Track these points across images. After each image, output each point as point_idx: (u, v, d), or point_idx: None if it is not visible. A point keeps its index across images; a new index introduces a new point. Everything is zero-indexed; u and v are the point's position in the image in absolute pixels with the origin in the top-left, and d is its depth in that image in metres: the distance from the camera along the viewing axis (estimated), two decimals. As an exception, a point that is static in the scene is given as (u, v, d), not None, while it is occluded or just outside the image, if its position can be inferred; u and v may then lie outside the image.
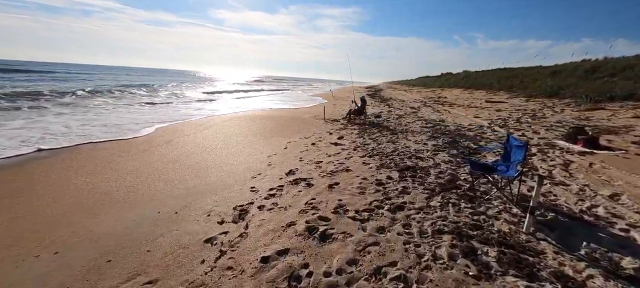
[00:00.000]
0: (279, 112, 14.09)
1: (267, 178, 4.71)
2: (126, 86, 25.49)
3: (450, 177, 4.43)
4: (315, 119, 11.65)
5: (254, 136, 8.20)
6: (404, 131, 8.46)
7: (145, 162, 5.63)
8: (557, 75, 18.24)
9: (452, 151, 5.98)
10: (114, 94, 19.05)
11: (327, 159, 5.67)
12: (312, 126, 9.86)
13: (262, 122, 10.54)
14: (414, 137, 7.57)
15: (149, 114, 12.01)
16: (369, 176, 4.55)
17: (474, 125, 9.23)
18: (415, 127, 9.11)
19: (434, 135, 7.67)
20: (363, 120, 10.50)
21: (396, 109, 14.94)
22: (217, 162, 5.77)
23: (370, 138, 7.57)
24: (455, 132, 8.18)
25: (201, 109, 14.97)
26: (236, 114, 13.20)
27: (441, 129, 8.72)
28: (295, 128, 9.52)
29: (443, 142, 6.88)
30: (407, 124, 9.89)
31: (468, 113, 12.22)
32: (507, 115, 10.86)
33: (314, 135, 8.26)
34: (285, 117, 12.15)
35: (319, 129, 9.33)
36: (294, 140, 7.66)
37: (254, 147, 6.93)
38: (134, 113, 12.12)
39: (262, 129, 9.32)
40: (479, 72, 35.12)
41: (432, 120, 10.53)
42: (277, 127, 9.70)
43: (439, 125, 9.47)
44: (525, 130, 7.86)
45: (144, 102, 16.27)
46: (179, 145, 7.02)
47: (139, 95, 19.64)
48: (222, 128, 9.34)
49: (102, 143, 6.99)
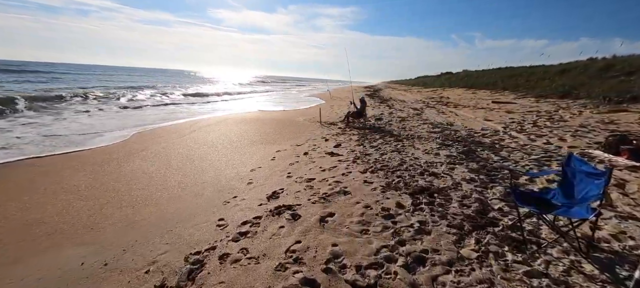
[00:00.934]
0: (272, 114, 13.04)
1: (243, 205, 3.66)
2: (119, 87, 24.37)
3: (479, 204, 3.39)
4: (311, 122, 10.61)
5: (239, 143, 7.15)
6: (409, 137, 7.42)
7: (95, 181, 4.57)
8: (567, 74, 17.26)
9: (471, 164, 4.94)
10: (98, 96, 17.94)
11: (321, 175, 4.62)
12: (307, 131, 8.82)
13: (252, 126, 9.49)
14: (422, 145, 6.54)
15: (126, 119, 10.95)
16: (373, 202, 3.50)
17: (487, 129, 8.21)
18: (421, 132, 8.08)
19: (445, 143, 6.63)
20: (363, 124, 9.47)
21: (397, 110, 13.91)
22: (185, 181, 4.71)
23: (372, 146, 6.53)
24: (468, 138, 7.15)
25: (191, 111, 13.91)
26: (226, 116, 12.15)
27: (451, 134, 7.68)
28: (288, 133, 8.47)
29: (457, 151, 5.84)
30: (411, 128, 8.86)
31: (477, 115, 11.20)
32: (521, 118, 9.84)
33: (308, 142, 7.21)
34: (278, 120, 11.10)
35: (313, 134, 8.29)
36: (284, 149, 6.61)
37: (235, 158, 5.88)
38: (107, 118, 11.04)
39: (250, 134, 8.27)
40: (480, 71, 34.16)
41: (439, 124, 9.50)
42: (267, 132, 8.65)
43: (448, 129, 8.44)
44: (548, 137, 6.83)
45: (125, 104, 15.17)
46: (148, 156, 5.96)
47: (126, 96, 18.53)
48: (205, 134, 8.29)
49: (50, 157, 5.91)
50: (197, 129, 9.15)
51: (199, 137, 7.88)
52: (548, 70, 20.57)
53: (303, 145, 6.94)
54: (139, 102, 16.25)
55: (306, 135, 8.24)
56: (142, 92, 21.03)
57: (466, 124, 9.48)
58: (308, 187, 4.13)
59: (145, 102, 16.48)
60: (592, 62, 18.48)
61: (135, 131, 8.56)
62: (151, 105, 15.43)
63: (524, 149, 5.86)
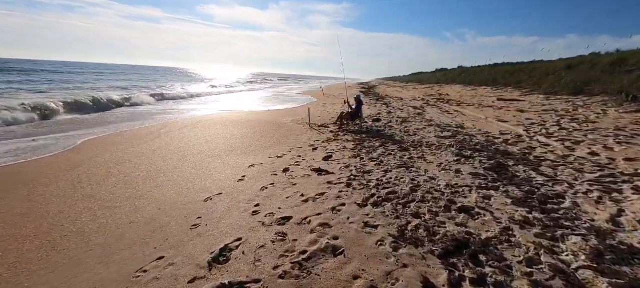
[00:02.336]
0: (256, 115, 11.51)
1: (164, 282, 2.18)
2: (93, 87, 22.51)
3: (560, 278, 1.98)
4: (299, 124, 9.13)
5: (206, 154, 5.64)
6: (416, 145, 5.99)
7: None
8: (574, 70, 16.04)
9: (511, 189, 3.52)
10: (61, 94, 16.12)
11: (302, 210, 3.16)
12: (293, 136, 7.34)
13: (230, 130, 7.96)
14: (434, 156, 5.12)
15: (84, 124, 9.32)
16: (382, 276, 2.07)
17: (507, 133, 6.84)
18: (429, 138, 6.66)
19: (463, 153, 5.22)
20: (359, 126, 8.03)
21: (396, 109, 12.50)
22: (105, 220, 3.20)
23: (371, 158, 5.08)
24: (489, 145, 5.76)
25: (168, 111, 12.28)
26: (204, 118, 10.58)
27: (467, 140, 6.28)
28: (270, 139, 6.98)
29: (483, 167, 4.43)
30: (416, 132, 7.43)
31: (486, 115, 9.84)
32: (539, 118, 8.51)
33: (292, 153, 5.74)
34: (263, 122, 9.59)
35: (300, 140, 6.82)
36: (261, 162, 5.13)
37: (194, 178, 4.38)
38: (55, 124, 9.39)
39: (224, 141, 6.75)
40: (477, 67, 33.02)
41: (447, 126, 8.10)
42: (246, 137, 7.15)
43: (460, 133, 7.04)
44: (587, 144, 5.48)
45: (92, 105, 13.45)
46: (78, 177, 4.42)
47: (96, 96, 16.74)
48: (170, 140, 6.75)
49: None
50: (164, 133, 7.60)
51: (162, 144, 6.34)
52: (551, 65, 19.38)
53: (285, 157, 5.46)
54: (112, 102, 14.53)
55: (291, 141, 6.76)
56: (116, 92, 19.23)
57: (478, 125, 8.10)
58: (279, 236, 2.66)
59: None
60: (597, 57, 17.33)
61: (92, 137, 7.00)
62: (128, 105, 13.75)
63: (568, 163, 4.47)
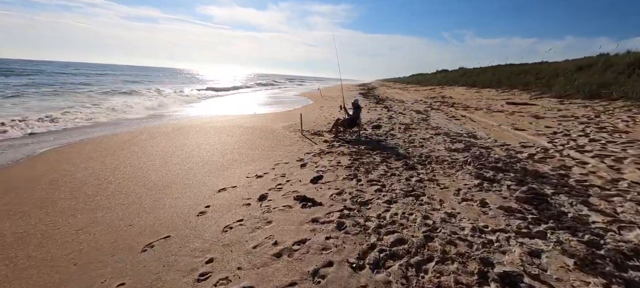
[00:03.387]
0: (247, 119, 10.50)
1: None
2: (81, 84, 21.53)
3: None
4: (291, 131, 8.13)
5: (172, 172, 4.62)
6: (425, 161, 4.97)
7: None
8: (586, 71, 15.03)
9: (565, 238, 2.51)
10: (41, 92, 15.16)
11: (269, 274, 2.16)
12: (281, 146, 6.33)
13: (212, 139, 6.96)
14: (447, 177, 4.11)
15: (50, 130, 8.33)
16: None
17: (529, 145, 5.83)
18: (438, 150, 5.66)
19: (483, 173, 4.22)
20: (356, 136, 7.02)
21: (398, 113, 11.48)
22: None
23: (370, 181, 4.07)
24: (512, 162, 4.74)
25: (157, 114, 11.27)
26: (189, 122, 9.58)
27: (484, 155, 5.27)
28: (254, 150, 5.97)
29: (513, 196, 3.43)
30: (423, 142, 6.43)
31: (498, 121, 8.83)
32: (560, 126, 7.50)
33: (275, 169, 4.74)
34: (251, 128, 8.59)
35: (289, 151, 5.81)
36: (235, 185, 4.12)
37: (141, 212, 3.36)
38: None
39: (201, 152, 5.74)
40: (479, 68, 31.98)
41: (457, 134, 7.09)
42: (226, 148, 6.14)
43: (473, 144, 6.03)
44: (635, 162, 4.47)
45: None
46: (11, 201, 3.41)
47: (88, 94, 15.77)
48: (140, 150, 5.74)
49: None
50: (137, 142, 6.60)
51: (125, 158, 5.34)
52: (559, 67, 18.37)
53: (266, 176, 4.46)
54: (113, 100, 13.54)
55: (278, 153, 5.76)
56: (100, 92, 18.26)
57: (492, 134, 7.08)
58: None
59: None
60: (610, 59, 16.32)
61: (56, 145, 6.01)
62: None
63: (623, 191, 3.46)
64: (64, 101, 13.60)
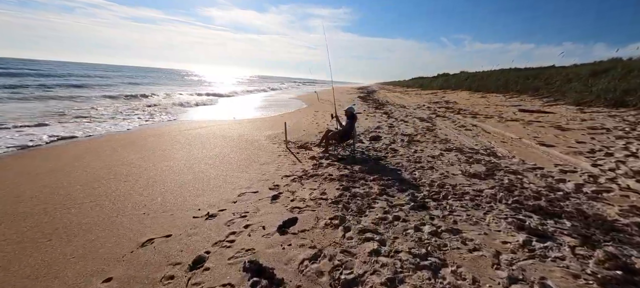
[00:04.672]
0: (229, 127, 9.23)
1: None
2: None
3: None
4: (275, 142, 6.86)
5: (103, 205, 3.34)
6: (438, 193, 3.67)
7: None
8: (602, 76, 13.75)
9: None
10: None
11: None
12: (256, 165, 5.04)
13: (178, 153, 5.68)
14: (475, 226, 2.83)
15: None
16: None
17: (569, 168, 4.55)
18: (453, 174, 4.37)
19: (524, 218, 2.94)
20: (351, 151, 5.75)
21: (400, 121, 10.20)
22: None
23: (363, 230, 2.79)
24: (558, 198, 3.46)
25: (127, 117, 9.99)
26: (159, 129, 8.32)
27: (513, 183, 3.98)
28: (221, 170, 4.67)
29: (588, 269, 2.16)
30: (431, 161, 5.14)
31: (518, 133, 7.55)
32: (593, 140, 6.22)
33: (238, 204, 3.46)
34: (229, 138, 7.33)
35: (263, 173, 4.52)
36: (169, 233, 2.83)
37: (51, 271, 2.09)
38: None
39: (148, 174, 4.44)
40: (483, 72, 30.73)
41: (473, 152, 5.81)
42: (188, 168, 4.85)
43: (496, 167, 4.74)
44: None
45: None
46: None
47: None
48: (86, 166, 4.45)
49: None
50: (91, 152, 5.33)
51: (60, 177, 4.06)
52: (571, 71, 17.09)
53: (222, 214, 3.19)
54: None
55: (250, 174, 4.48)
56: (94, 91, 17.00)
57: (514, 150, 5.79)
58: None
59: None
60: (625, 63, 15.07)
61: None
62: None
63: None
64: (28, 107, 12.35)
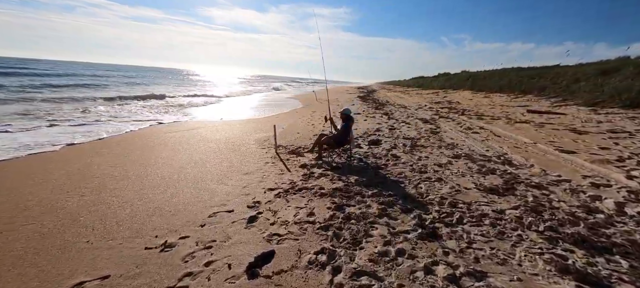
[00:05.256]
0: (218, 128, 8.57)
1: None
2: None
3: None
4: (263, 147, 6.21)
5: (44, 233, 2.68)
6: (451, 215, 2.99)
7: None
8: (611, 75, 13.08)
9: None
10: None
11: None
12: (237, 174, 4.37)
13: (160, 160, 5.01)
14: (503, 266, 2.17)
15: None
16: None
17: (601, 181, 3.88)
18: (465, 187, 3.70)
19: (566, 254, 2.29)
20: (347, 159, 5.08)
21: (401, 122, 9.53)
22: None
23: (357, 271, 2.12)
24: (599, 222, 2.79)
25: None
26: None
27: (540, 201, 3.31)
28: (197, 182, 4.01)
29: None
30: (439, 171, 4.47)
31: (531, 136, 6.88)
32: (618, 146, 5.55)
33: (205, 229, 2.79)
34: (215, 141, 6.67)
35: (244, 185, 3.85)
36: (111, 272, 2.17)
37: None
38: None
39: (126, 184, 3.78)
40: (485, 72, 30.06)
41: (484, 159, 5.14)
42: (161, 177, 4.18)
43: (514, 178, 4.07)
44: None
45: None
46: None
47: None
48: (53, 174, 3.79)
49: None
50: (51, 162, 4.68)
51: (42, 186, 3.40)
52: (578, 71, 16.42)
53: (183, 243, 2.53)
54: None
55: (228, 187, 3.82)
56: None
57: (531, 157, 5.12)
58: None
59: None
60: (628, 61, 14.43)
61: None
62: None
63: None
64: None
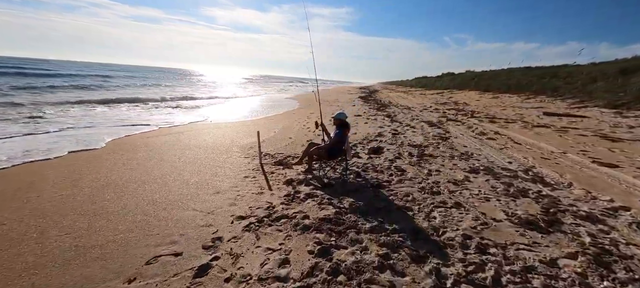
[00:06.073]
0: (207, 132, 7.75)
1: None
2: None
3: None
4: (247, 156, 5.36)
5: None
6: (482, 269, 2.12)
7: None
8: (632, 75, 12.09)
9: None
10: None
11: None
12: (203, 197, 3.52)
13: (121, 173, 4.19)
14: None
15: None
16: None
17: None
18: (498, 222, 2.82)
19: None
20: (342, 172, 4.21)
21: (406, 126, 8.65)
22: None
23: None
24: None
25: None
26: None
27: (600, 244, 2.43)
28: (151, 210, 3.17)
29: None
30: (455, 191, 3.58)
31: (556, 143, 5.97)
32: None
33: (135, 284, 1.95)
34: (198, 148, 5.84)
35: (209, 210, 2.99)
36: None
37: None
38: None
39: (56, 212, 2.96)
40: (491, 71, 29.01)
41: (509, 175, 4.25)
42: (111, 201, 3.35)
43: (556, 203, 3.19)
44: None
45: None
46: None
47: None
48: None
49: None
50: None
51: None
52: (594, 70, 15.40)
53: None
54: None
55: (189, 215, 2.97)
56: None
57: (566, 172, 4.22)
58: None
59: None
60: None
61: None
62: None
63: None
64: None
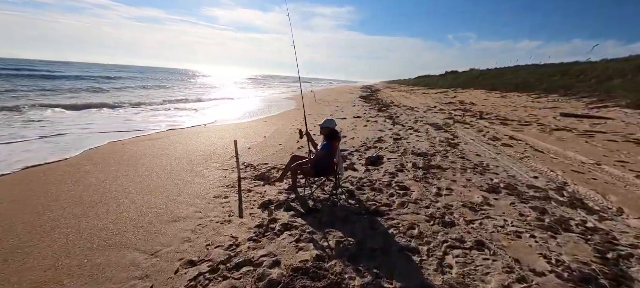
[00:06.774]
0: (187, 137, 6.99)
1: None
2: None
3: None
4: (226, 168, 4.59)
5: None
6: None
7: None
8: (655, 72, 11.16)
9: None
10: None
11: None
12: (154, 226, 2.75)
13: (63, 200, 3.44)
14: None
15: None
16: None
17: None
18: (533, 272, 2.03)
19: None
20: (332, 193, 3.43)
21: (409, 129, 7.82)
22: None
23: None
24: None
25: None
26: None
27: None
28: (63, 259, 2.40)
29: None
30: (472, 219, 2.79)
31: (586, 152, 5.13)
32: None
33: None
34: (170, 158, 5.07)
35: (152, 253, 2.20)
36: None
37: None
38: None
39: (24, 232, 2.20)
40: (497, 70, 28.03)
41: (539, 196, 3.43)
42: (52, 224, 2.60)
43: (611, 241, 2.39)
44: None
45: None
46: None
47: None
48: None
49: None
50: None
51: None
52: (609, 67, 14.45)
53: None
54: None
55: (116, 262, 2.21)
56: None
57: (608, 192, 3.40)
58: None
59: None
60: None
61: None
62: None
63: None
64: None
